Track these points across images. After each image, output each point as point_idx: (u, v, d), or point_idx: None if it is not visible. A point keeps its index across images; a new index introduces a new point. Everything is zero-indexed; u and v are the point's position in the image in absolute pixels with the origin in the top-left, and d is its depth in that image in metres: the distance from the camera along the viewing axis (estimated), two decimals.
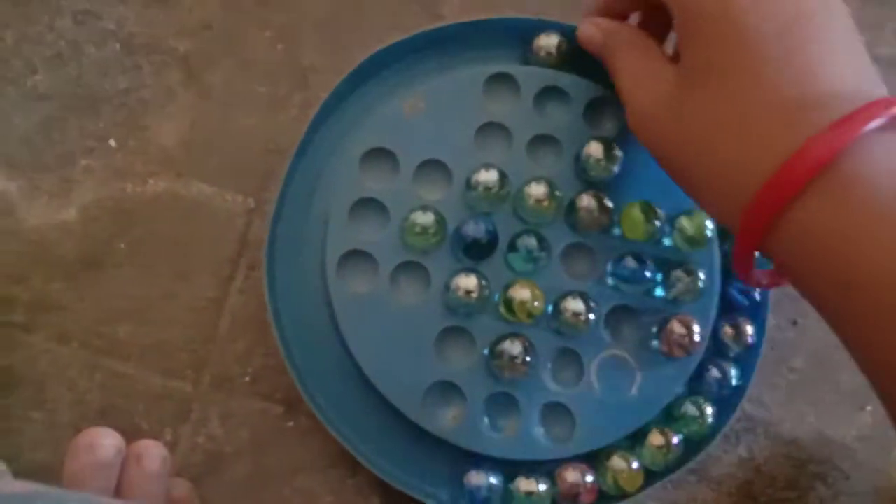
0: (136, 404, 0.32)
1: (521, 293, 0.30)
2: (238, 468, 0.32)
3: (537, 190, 0.30)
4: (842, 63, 0.23)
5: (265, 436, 0.32)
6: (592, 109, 0.32)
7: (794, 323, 0.34)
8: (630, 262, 0.31)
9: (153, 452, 0.30)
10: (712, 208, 0.26)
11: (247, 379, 0.33)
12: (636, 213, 0.31)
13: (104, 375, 0.32)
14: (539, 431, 0.30)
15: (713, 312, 0.31)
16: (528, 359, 0.30)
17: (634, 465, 0.30)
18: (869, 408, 0.34)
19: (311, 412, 0.31)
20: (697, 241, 0.31)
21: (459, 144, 0.32)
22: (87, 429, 0.30)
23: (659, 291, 0.31)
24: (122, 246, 0.33)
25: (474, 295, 0.30)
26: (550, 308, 0.31)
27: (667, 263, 0.31)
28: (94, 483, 0.28)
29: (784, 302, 0.34)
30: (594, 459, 0.31)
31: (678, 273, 0.31)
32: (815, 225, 0.22)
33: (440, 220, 0.31)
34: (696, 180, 0.25)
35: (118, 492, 0.29)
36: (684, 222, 0.31)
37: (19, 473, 0.30)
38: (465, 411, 0.30)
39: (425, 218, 0.30)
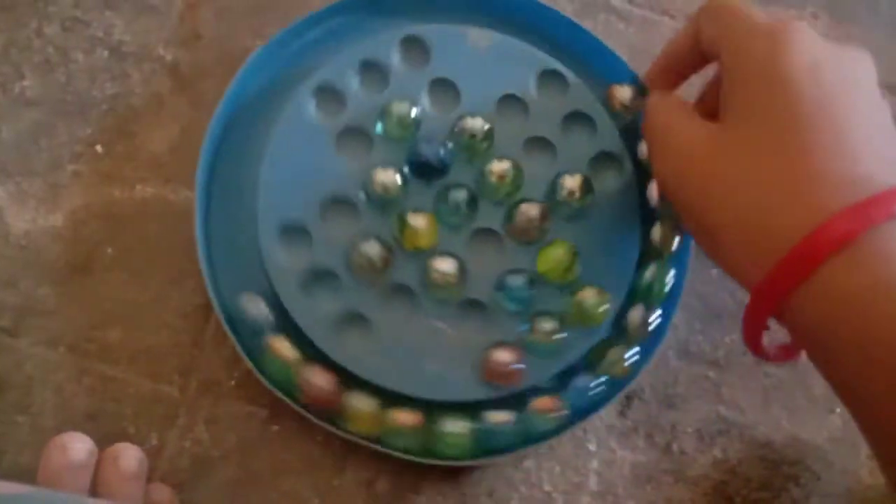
0: (124, 408, 0.32)
1: (417, 221, 0.31)
2: (225, 472, 0.32)
3: (499, 167, 0.32)
4: (880, 146, 0.25)
5: (251, 439, 0.33)
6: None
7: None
8: (516, 281, 0.31)
9: (129, 454, 0.30)
10: (734, 264, 0.26)
11: (233, 383, 0.33)
12: (560, 253, 0.32)
13: (92, 380, 0.32)
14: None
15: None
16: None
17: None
18: (838, 410, 0.35)
19: (296, 415, 0.31)
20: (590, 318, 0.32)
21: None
22: (60, 434, 0.30)
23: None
24: (110, 251, 0.33)
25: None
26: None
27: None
28: (68, 484, 0.29)
29: None
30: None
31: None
32: (838, 289, 0.23)
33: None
34: (721, 235, 0.26)
35: (95, 494, 0.29)
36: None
37: (2, 476, 0.30)
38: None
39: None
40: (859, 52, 0.27)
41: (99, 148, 0.34)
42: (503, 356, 0.31)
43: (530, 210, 0.32)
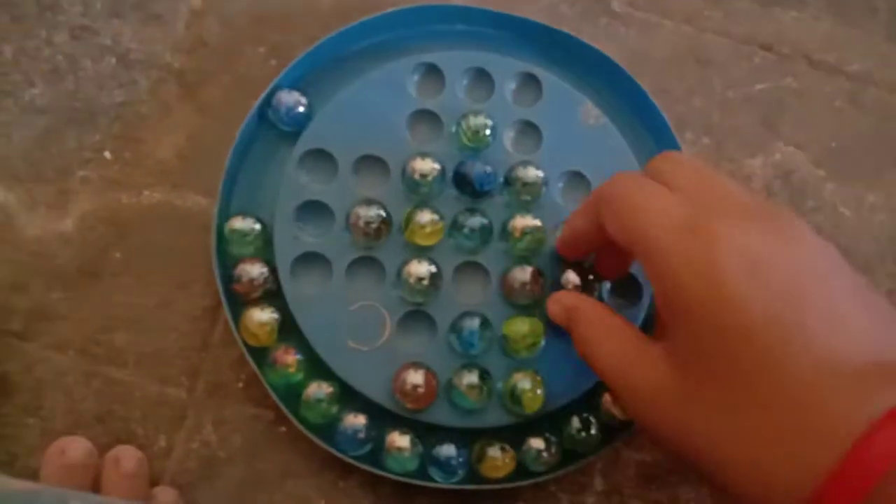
0: (133, 411, 0.33)
1: (423, 218, 0.31)
2: (231, 473, 0.33)
3: (522, 223, 0.32)
4: (859, 331, 0.21)
5: (258, 441, 0.33)
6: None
7: None
8: (470, 325, 0.31)
9: (130, 454, 0.31)
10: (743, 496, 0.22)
11: (240, 385, 0.33)
12: (524, 328, 0.31)
13: (101, 382, 0.33)
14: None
15: None
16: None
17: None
18: None
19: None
20: (518, 402, 0.31)
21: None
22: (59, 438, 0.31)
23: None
24: (119, 255, 0.34)
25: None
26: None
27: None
28: (68, 484, 0.30)
29: None
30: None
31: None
32: None
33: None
34: (715, 469, 0.22)
35: (98, 493, 0.30)
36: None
37: (14, 477, 0.30)
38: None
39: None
40: (789, 225, 0.23)
41: (107, 154, 0.35)
42: (414, 378, 0.31)
43: (523, 274, 0.32)
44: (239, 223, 0.32)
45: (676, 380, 0.23)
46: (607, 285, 0.33)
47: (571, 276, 0.32)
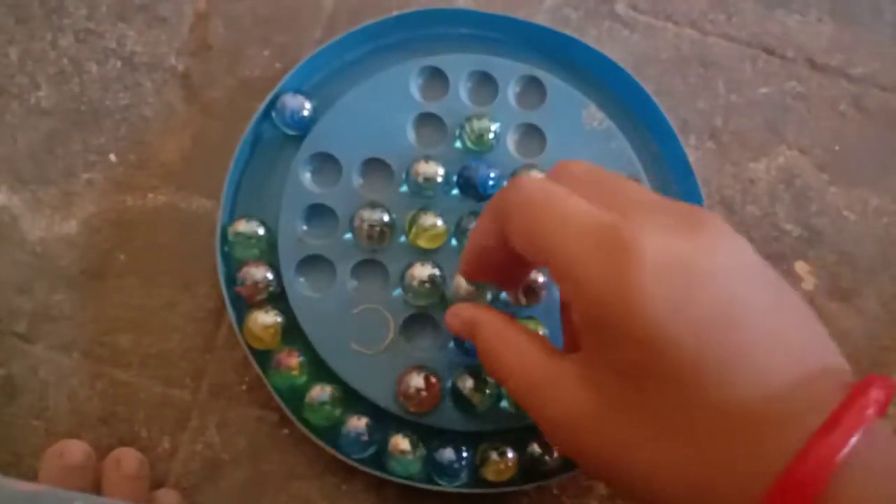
0: (137, 412, 0.33)
1: (427, 222, 0.31)
2: (235, 475, 0.33)
3: None
4: (790, 343, 0.20)
5: (261, 443, 0.33)
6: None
7: None
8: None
9: (130, 456, 0.31)
10: None
11: (243, 387, 0.33)
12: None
13: (105, 384, 0.33)
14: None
15: None
16: None
17: None
18: None
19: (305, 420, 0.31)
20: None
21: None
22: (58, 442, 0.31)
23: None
24: (123, 257, 0.34)
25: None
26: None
27: None
28: (68, 486, 0.30)
29: None
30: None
31: None
32: None
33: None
34: (653, 499, 0.21)
35: (101, 496, 0.31)
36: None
37: (19, 479, 0.31)
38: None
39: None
40: (707, 228, 0.21)
41: (112, 156, 0.35)
42: (417, 381, 0.31)
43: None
44: (243, 226, 0.32)
45: (594, 403, 0.21)
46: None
47: (462, 282, 0.31)
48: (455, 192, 0.33)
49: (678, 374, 0.19)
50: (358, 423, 0.31)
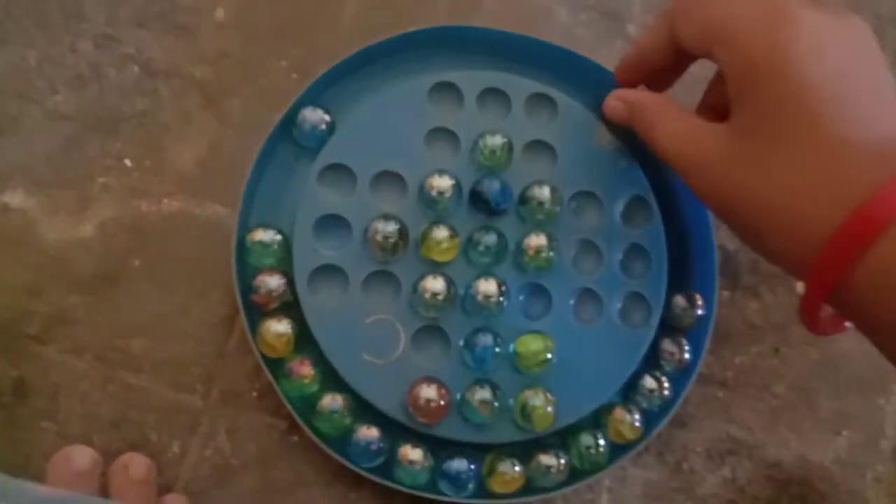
0: (147, 416, 0.33)
1: (439, 235, 0.32)
2: (244, 481, 0.33)
3: (537, 242, 0.33)
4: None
5: (271, 450, 0.33)
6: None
7: (777, 351, 0.36)
8: (484, 341, 0.32)
9: (138, 461, 0.32)
10: (778, 257, 0.26)
11: (254, 394, 0.34)
12: (538, 346, 0.32)
13: (116, 387, 0.33)
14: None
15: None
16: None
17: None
18: (845, 433, 0.36)
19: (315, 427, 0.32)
20: (528, 419, 0.32)
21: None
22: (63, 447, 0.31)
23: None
24: (137, 263, 0.34)
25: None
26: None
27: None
28: (75, 491, 0.30)
29: (766, 331, 0.36)
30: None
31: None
32: (893, 264, 0.22)
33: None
34: (759, 231, 0.26)
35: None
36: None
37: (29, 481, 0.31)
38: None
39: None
40: (853, 18, 0.27)
41: (128, 162, 0.35)
42: (427, 392, 0.31)
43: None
44: (261, 234, 0.32)
45: (731, 146, 0.26)
46: (616, 304, 0.33)
47: (482, 286, 0.32)
48: (467, 206, 0.34)
49: (816, 110, 0.24)
50: (367, 433, 0.31)
